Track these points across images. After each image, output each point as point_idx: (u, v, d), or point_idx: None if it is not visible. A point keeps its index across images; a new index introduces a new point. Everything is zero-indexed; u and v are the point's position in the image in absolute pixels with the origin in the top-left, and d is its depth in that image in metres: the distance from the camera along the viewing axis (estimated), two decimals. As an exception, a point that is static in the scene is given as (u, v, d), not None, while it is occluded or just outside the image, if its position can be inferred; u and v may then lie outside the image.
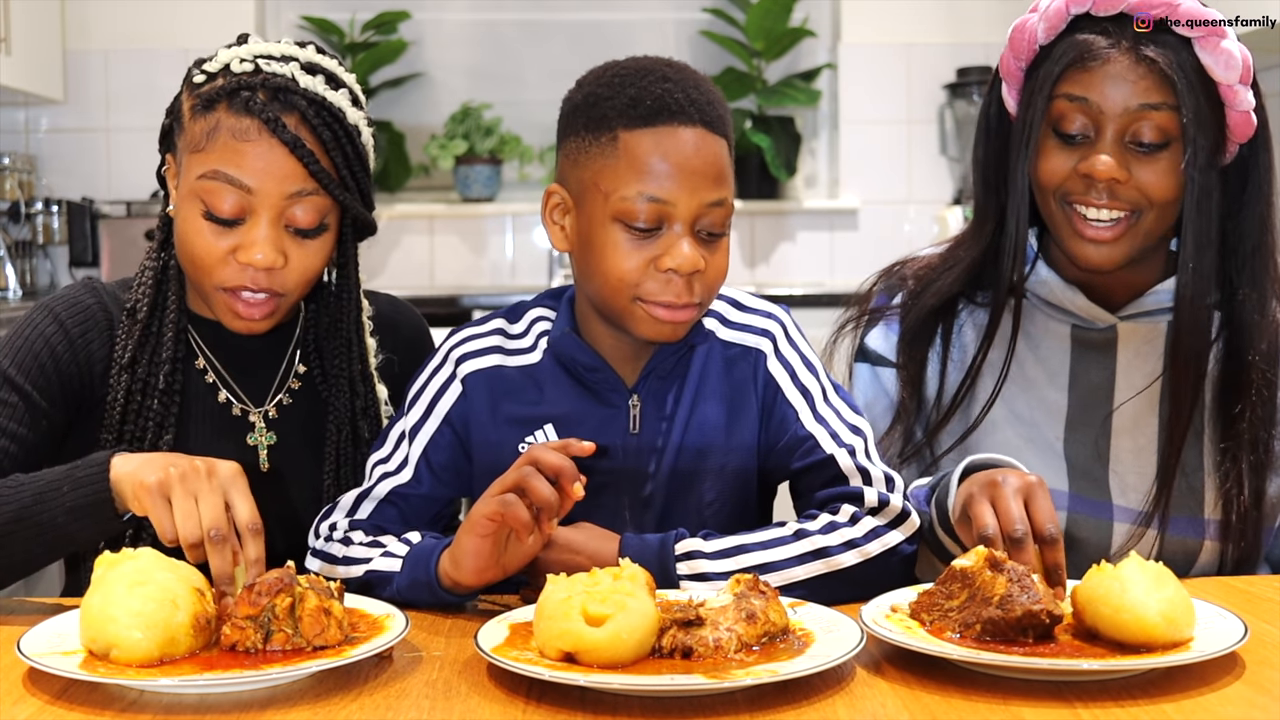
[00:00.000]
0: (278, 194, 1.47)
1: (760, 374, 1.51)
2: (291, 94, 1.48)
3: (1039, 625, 1.18)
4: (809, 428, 1.48)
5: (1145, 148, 1.51)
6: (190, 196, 1.49)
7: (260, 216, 1.47)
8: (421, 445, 1.50)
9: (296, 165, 1.47)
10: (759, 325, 1.54)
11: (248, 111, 1.46)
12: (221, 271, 1.49)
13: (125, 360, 1.54)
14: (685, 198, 1.38)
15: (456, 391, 1.51)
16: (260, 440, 1.60)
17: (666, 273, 1.40)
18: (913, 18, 4.34)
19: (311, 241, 1.51)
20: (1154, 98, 1.49)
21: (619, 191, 1.39)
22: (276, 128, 1.45)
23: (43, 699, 1.13)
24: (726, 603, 1.22)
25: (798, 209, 4.38)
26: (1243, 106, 1.52)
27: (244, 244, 1.48)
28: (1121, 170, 1.50)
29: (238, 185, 1.46)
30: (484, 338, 1.54)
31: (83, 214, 4.03)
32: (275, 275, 1.49)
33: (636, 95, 1.40)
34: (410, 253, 4.35)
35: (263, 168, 1.46)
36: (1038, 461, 1.58)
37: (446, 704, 1.12)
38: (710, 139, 1.40)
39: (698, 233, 1.41)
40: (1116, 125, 1.50)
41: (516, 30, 4.44)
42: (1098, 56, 1.50)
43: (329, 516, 1.50)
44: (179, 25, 4.13)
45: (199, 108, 1.49)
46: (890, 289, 1.71)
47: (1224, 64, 1.49)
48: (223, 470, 1.31)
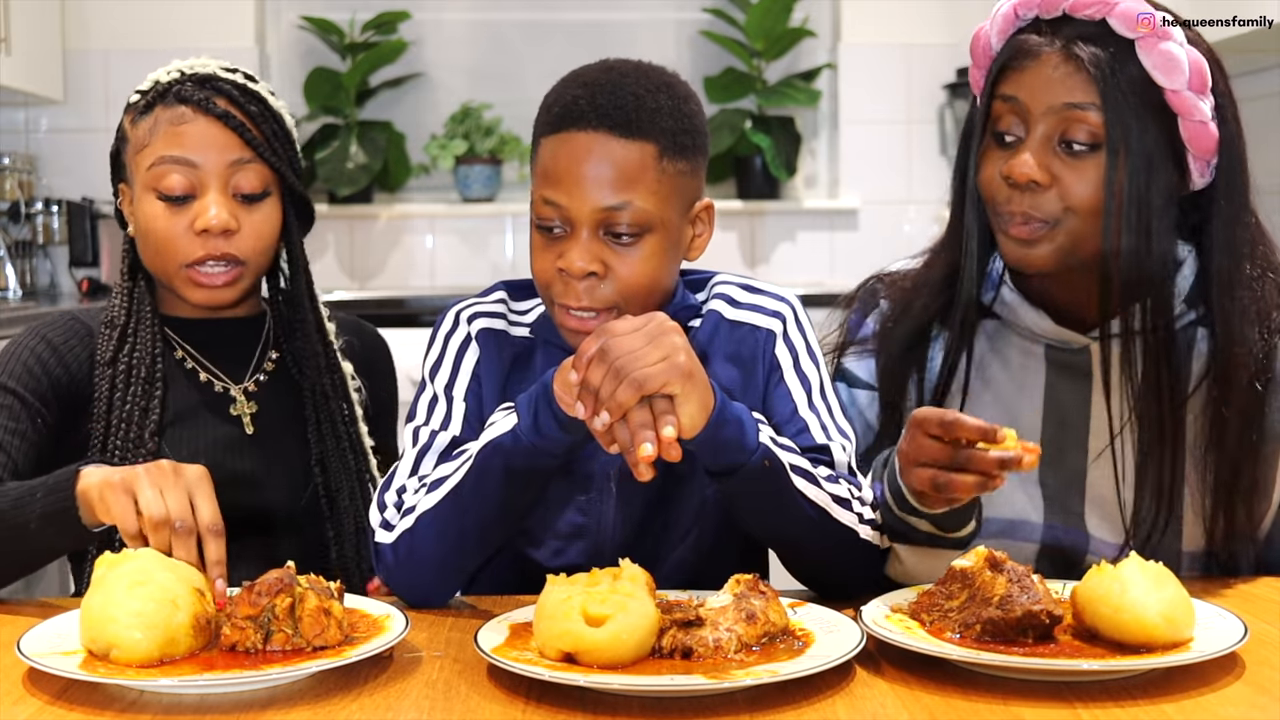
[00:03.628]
0: (219, 163, 1.61)
1: (768, 354, 1.51)
2: (217, 81, 1.64)
3: (1039, 625, 1.18)
4: (803, 414, 1.49)
5: (1074, 152, 1.45)
6: (144, 191, 1.62)
7: (209, 188, 1.61)
8: (461, 397, 1.50)
9: (232, 136, 1.61)
10: (770, 307, 1.53)
11: (180, 101, 1.62)
12: (182, 247, 1.61)
13: (106, 358, 1.62)
14: (578, 202, 1.40)
15: (473, 346, 1.53)
16: (243, 410, 1.68)
17: (561, 273, 1.42)
18: (913, 18, 4.34)
19: (259, 207, 1.64)
20: (1079, 97, 1.43)
21: (534, 194, 1.45)
22: (208, 106, 1.61)
23: (43, 699, 1.13)
24: (726, 603, 1.22)
25: (798, 209, 4.38)
26: (1197, 116, 1.44)
27: (199, 211, 1.60)
28: (1042, 172, 1.44)
29: (183, 163, 1.60)
30: (490, 304, 1.56)
31: (83, 214, 4.03)
32: (231, 240, 1.61)
33: (554, 103, 1.45)
34: (410, 253, 4.35)
35: (202, 143, 1.61)
36: (1013, 489, 1.53)
37: (446, 704, 1.12)
38: (613, 143, 1.40)
39: (604, 236, 1.42)
40: (1044, 125, 1.45)
41: (516, 30, 4.44)
42: (1030, 55, 1.46)
43: (388, 489, 1.47)
44: (179, 25, 4.13)
45: (138, 116, 1.64)
46: (865, 309, 1.67)
47: (1165, 68, 1.42)
48: (189, 471, 1.33)
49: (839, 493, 1.40)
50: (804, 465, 1.38)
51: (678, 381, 1.27)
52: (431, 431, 1.49)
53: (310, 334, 1.72)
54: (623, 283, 1.42)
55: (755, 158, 4.26)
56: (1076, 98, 1.43)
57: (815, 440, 1.46)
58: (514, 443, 1.34)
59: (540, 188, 1.44)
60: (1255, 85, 3.55)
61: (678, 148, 1.43)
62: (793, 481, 1.36)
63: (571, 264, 1.41)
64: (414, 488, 1.44)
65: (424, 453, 1.48)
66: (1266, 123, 3.52)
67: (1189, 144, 1.46)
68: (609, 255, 1.42)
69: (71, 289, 4.07)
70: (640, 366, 1.26)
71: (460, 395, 1.50)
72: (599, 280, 1.42)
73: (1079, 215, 1.45)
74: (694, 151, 1.46)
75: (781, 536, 1.43)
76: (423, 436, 1.49)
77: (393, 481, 1.47)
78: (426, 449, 1.48)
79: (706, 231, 1.51)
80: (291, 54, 4.34)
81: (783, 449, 1.37)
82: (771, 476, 1.34)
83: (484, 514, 1.38)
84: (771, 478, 1.35)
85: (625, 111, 1.41)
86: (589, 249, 1.41)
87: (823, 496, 1.38)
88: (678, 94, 1.46)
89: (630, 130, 1.41)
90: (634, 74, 1.46)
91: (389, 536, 1.42)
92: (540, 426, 1.33)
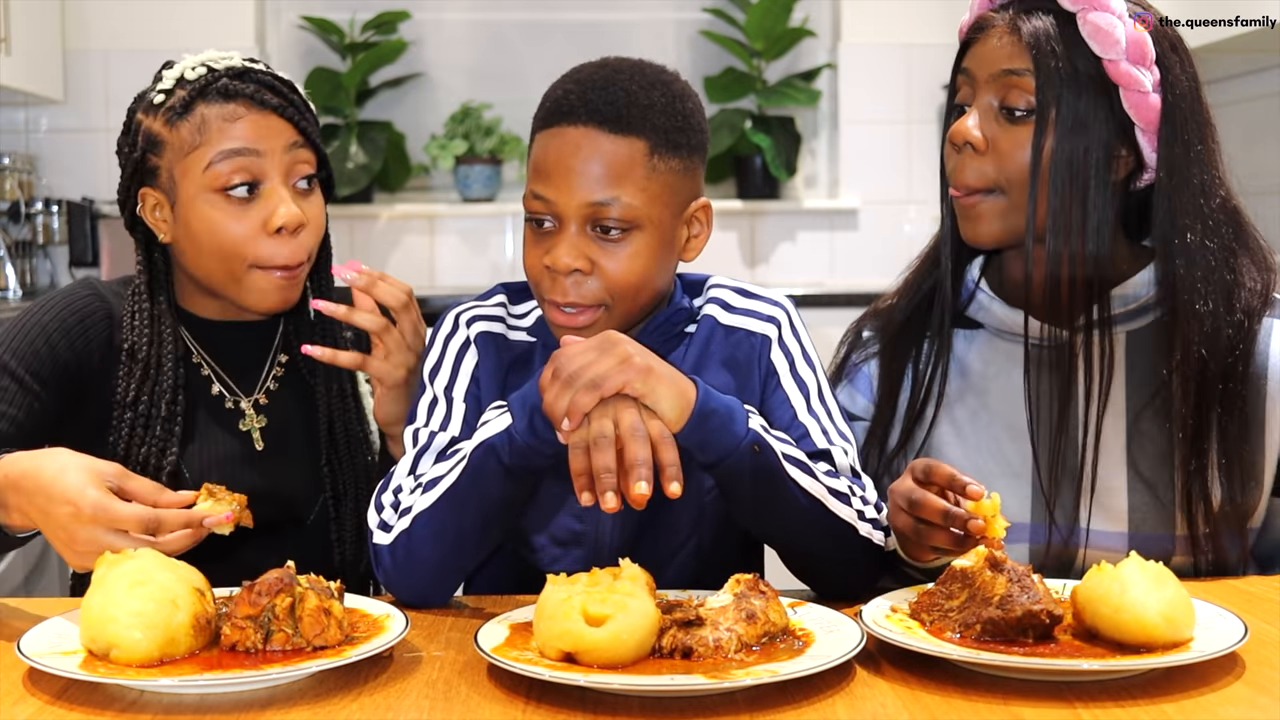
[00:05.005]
0: (280, 150, 1.58)
1: (764, 359, 1.51)
2: (253, 73, 1.60)
3: (1039, 625, 1.18)
4: (803, 419, 1.48)
5: (1014, 118, 1.49)
6: (201, 192, 1.56)
7: (273, 179, 1.57)
8: (461, 398, 1.51)
9: (286, 125, 1.59)
10: (765, 312, 1.53)
11: (227, 97, 1.57)
12: (252, 249, 1.57)
13: (128, 399, 1.59)
14: (564, 196, 1.41)
15: (472, 349, 1.53)
16: (252, 425, 1.66)
17: (548, 270, 1.43)
18: (913, 18, 4.34)
19: (313, 195, 1.63)
20: (1016, 64, 1.48)
21: (526, 189, 1.46)
22: (261, 99, 1.57)
23: (43, 699, 1.13)
24: (726, 603, 1.22)
25: (798, 209, 4.38)
26: (1137, 88, 1.48)
27: (270, 211, 1.57)
28: (979, 135, 1.50)
29: (248, 153, 1.56)
30: (489, 307, 1.56)
31: (83, 214, 4.02)
32: (299, 237, 1.59)
33: (548, 99, 1.47)
34: (410, 253, 4.35)
35: (261, 133, 1.57)
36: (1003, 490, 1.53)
37: (446, 704, 1.12)
38: (603, 139, 1.41)
39: (592, 231, 1.42)
40: (986, 92, 1.51)
41: (516, 30, 4.44)
42: (983, 29, 1.53)
43: (385, 490, 1.47)
44: (179, 25, 4.13)
45: (175, 116, 1.57)
46: (853, 347, 1.70)
47: (1100, 39, 1.47)
48: (88, 500, 1.30)
49: (837, 487, 1.40)
50: (799, 457, 1.38)
51: (638, 379, 1.28)
52: (431, 433, 1.49)
53: (335, 326, 1.70)
54: (610, 279, 1.42)
55: (755, 158, 4.26)
56: (1014, 64, 1.50)
57: (816, 445, 1.46)
58: (508, 442, 1.35)
59: (530, 182, 1.45)
60: (1255, 85, 3.55)
61: (670, 145, 1.43)
62: (786, 471, 1.36)
63: (557, 260, 1.42)
64: (410, 488, 1.44)
65: (422, 453, 1.47)
66: (1266, 123, 3.52)
67: (1135, 117, 1.50)
68: (596, 251, 1.42)
69: (71, 289, 4.07)
70: (594, 371, 1.28)
71: (460, 397, 1.51)
72: (585, 276, 1.42)
73: (1018, 184, 1.50)
74: (688, 150, 1.45)
75: (779, 530, 1.42)
76: (422, 437, 1.49)
77: (390, 482, 1.47)
78: (425, 450, 1.48)
79: (704, 232, 1.50)
80: (291, 54, 4.34)
81: (777, 440, 1.37)
82: (764, 466, 1.34)
83: (480, 512, 1.38)
84: (764, 468, 1.34)
85: (615, 107, 1.42)
86: (575, 245, 1.42)
87: (819, 489, 1.38)
88: (673, 91, 1.46)
89: (619, 126, 1.41)
90: (629, 71, 1.46)
91: (386, 538, 1.42)
92: (534, 426, 1.33)
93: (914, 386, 1.63)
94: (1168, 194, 1.51)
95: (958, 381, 1.61)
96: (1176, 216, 1.51)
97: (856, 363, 1.68)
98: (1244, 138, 3.51)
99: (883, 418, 1.63)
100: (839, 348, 1.73)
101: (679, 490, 1.27)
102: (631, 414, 1.28)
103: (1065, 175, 1.48)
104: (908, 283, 1.68)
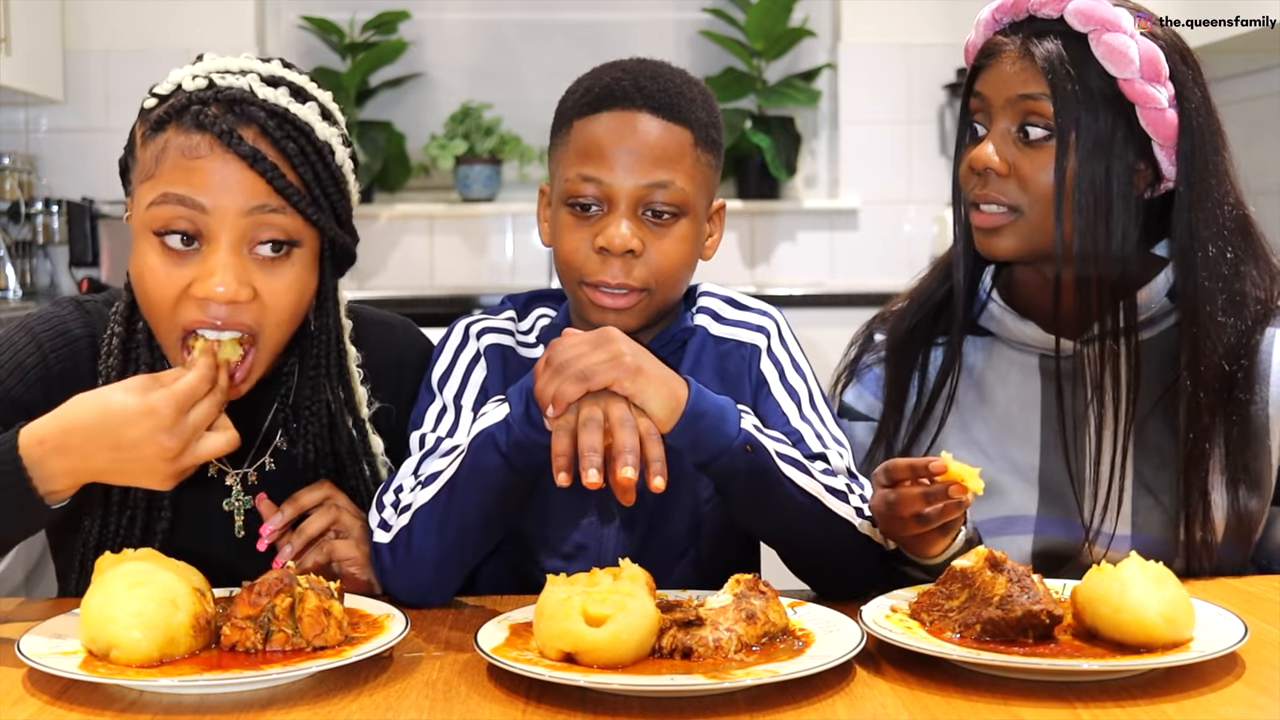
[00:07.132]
0: (235, 212, 1.31)
1: (754, 369, 1.53)
2: (248, 105, 1.33)
3: (1039, 625, 1.18)
4: (796, 425, 1.49)
5: (1031, 141, 1.50)
6: (142, 231, 1.34)
7: (218, 241, 1.31)
8: (470, 406, 1.51)
9: (256, 179, 1.31)
10: (755, 323, 1.55)
11: (198, 127, 1.31)
12: (180, 312, 1.33)
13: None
14: (621, 177, 1.42)
15: (482, 363, 1.54)
16: (236, 505, 1.49)
17: (601, 252, 1.43)
18: (913, 18, 4.34)
19: (283, 266, 1.35)
20: (1032, 88, 1.49)
21: (566, 174, 1.45)
22: (231, 140, 1.30)
23: (43, 699, 1.13)
24: (726, 603, 1.22)
25: (798, 209, 4.38)
26: (1154, 104, 1.48)
27: (200, 274, 1.31)
28: (999, 160, 1.51)
29: (190, 205, 1.31)
30: (499, 321, 1.58)
31: (83, 214, 4.02)
32: (241, 310, 1.33)
33: (590, 86, 1.47)
34: (410, 253, 4.34)
35: (217, 183, 1.31)
36: (1012, 491, 1.56)
37: (446, 704, 1.12)
38: (656, 123, 1.43)
39: (643, 215, 1.44)
40: (1003, 117, 1.52)
41: (516, 30, 4.44)
42: (995, 53, 1.53)
43: (386, 490, 1.45)
44: (179, 25, 4.13)
45: (149, 133, 1.35)
46: (863, 348, 1.71)
47: (1114, 59, 1.47)
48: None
49: (834, 484, 1.41)
50: (794, 456, 1.39)
51: (626, 378, 1.29)
52: (438, 438, 1.49)
53: (326, 399, 1.47)
54: (656, 264, 1.44)
55: (755, 158, 4.26)
56: (1030, 89, 1.50)
57: (811, 450, 1.47)
58: (505, 430, 1.35)
59: (577, 165, 1.44)
60: (1255, 85, 3.55)
61: (707, 140, 1.47)
62: (781, 470, 1.36)
63: (612, 240, 1.42)
64: (410, 485, 1.44)
65: (426, 457, 1.48)
66: (1266, 123, 3.52)
67: (1152, 133, 1.50)
68: (646, 234, 1.44)
69: (71, 289, 4.07)
70: (584, 363, 1.28)
71: (468, 405, 1.51)
72: (635, 259, 1.43)
73: (1040, 204, 1.50)
74: (718, 148, 1.50)
75: (777, 529, 1.42)
76: (429, 441, 1.49)
77: (392, 482, 1.47)
78: (429, 454, 1.48)
79: (717, 232, 1.54)
80: (291, 54, 4.34)
81: (771, 440, 1.37)
82: (758, 466, 1.34)
83: (479, 504, 1.38)
84: (758, 467, 1.35)
85: (668, 95, 1.45)
86: (630, 225, 1.43)
87: (815, 486, 1.39)
88: (706, 92, 1.51)
89: (672, 114, 1.44)
90: (666, 67, 1.50)
91: (386, 536, 1.42)
92: (531, 416, 1.33)
93: (920, 393, 1.63)
94: (1188, 207, 1.52)
95: (964, 385, 1.62)
96: (1198, 229, 1.52)
97: (868, 364, 1.69)
98: (1244, 138, 3.49)
99: (887, 425, 1.64)
100: (849, 348, 1.74)
101: (663, 485, 1.27)
102: (621, 408, 1.29)
103: (1089, 196, 1.48)
104: (920, 289, 1.69)
